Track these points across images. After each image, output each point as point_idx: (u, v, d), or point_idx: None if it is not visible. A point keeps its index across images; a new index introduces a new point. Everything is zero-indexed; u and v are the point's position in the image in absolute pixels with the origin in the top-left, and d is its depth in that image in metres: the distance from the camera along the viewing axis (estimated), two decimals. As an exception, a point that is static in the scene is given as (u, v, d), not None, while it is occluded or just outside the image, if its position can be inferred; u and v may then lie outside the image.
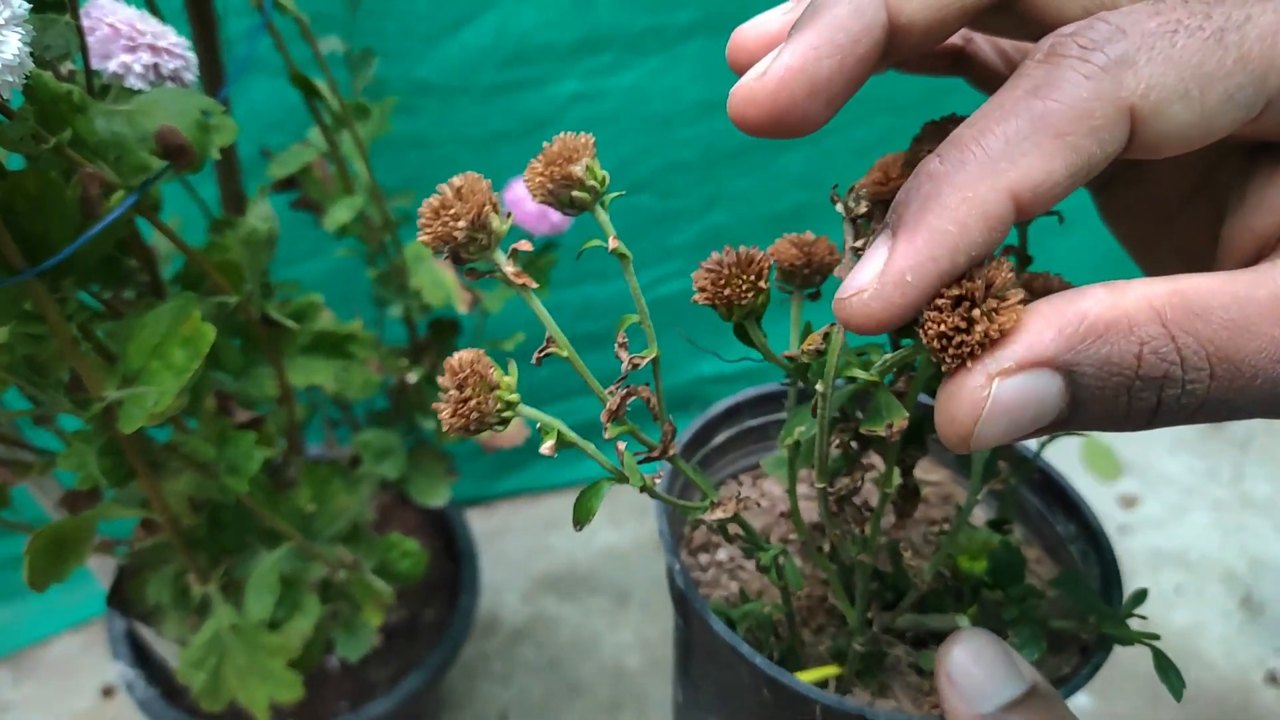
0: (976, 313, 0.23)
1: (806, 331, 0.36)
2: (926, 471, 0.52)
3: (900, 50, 0.28)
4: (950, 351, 0.24)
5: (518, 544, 1.24)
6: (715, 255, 0.34)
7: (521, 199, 0.77)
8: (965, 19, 0.28)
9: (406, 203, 0.82)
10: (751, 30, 0.31)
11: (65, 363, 0.47)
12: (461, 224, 0.29)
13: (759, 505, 0.50)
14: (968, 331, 0.24)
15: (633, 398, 0.33)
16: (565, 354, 0.32)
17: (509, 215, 0.31)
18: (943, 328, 0.24)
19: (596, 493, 0.33)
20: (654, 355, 0.33)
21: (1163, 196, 0.34)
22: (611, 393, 0.33)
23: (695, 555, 0.48)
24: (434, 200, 0.30)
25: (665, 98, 1.08)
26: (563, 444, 0.32)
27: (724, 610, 0.42)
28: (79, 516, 0.52)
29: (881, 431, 0.32)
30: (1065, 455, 0.38)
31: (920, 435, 0.38)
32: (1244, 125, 0.25)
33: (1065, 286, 0.31)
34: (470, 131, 1.04)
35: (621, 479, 0.33)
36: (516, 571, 1.21)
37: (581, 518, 0.33)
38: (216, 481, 0.56)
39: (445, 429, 0.29)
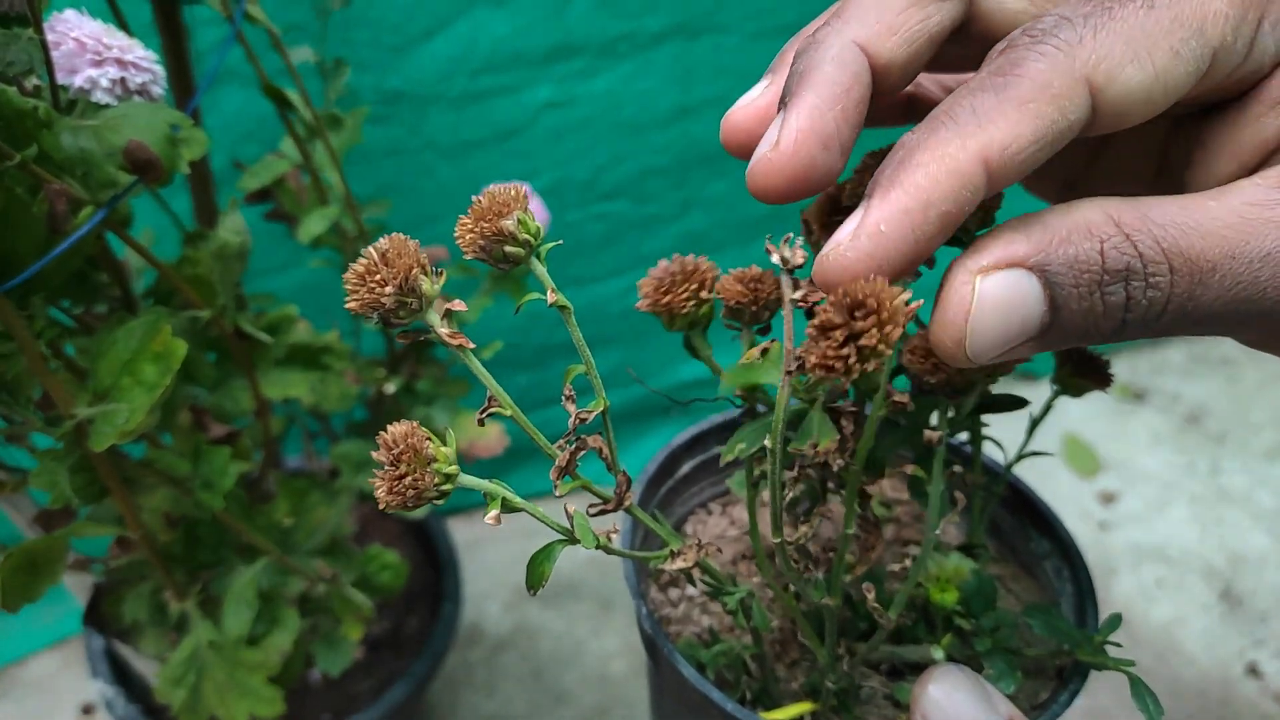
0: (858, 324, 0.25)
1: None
2: (897, 490, 0.52)
3: (885, 90, 0.30)
4: (841, 364, 0.25)
5: (499, 553, 1.24)
6: (662, 263, 0.33)
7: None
8: (933, 48, 0.30)
9: (381, 212, 0.81)
10: (739, 111, 0.32)
11: (35, 380, 0.47)
12: (389, 290, 0.29)
13: (720, 544, 0.50)
14: (854, 337, 0.25)
15: (584, 450, 0.33)
16: (509, 413, 0.32)
17: (440, 274, 0.30)
18: (823, 355, 0.25)
19: (549, 556, 0.32)
20: (602, 408, 0.33)
21: (1126, 185, 0.35)
22: (560, 448, 0.32)
23: (665, 591, 0.48)
24: (359, 265, 0.29)
25: (638, 103, 1.08)
26: (508, 510, 0.31)
27: (694, 652, 0.42)
28: (51, 535, 0.52)
29: (806, 450, 0.32)
30: (1046, 455, 0.38)
31: (876, 460, 0.38)
32: (1199, 82, 0.26)
33: None
34: (443, 140, 1.04)
35: (573, 540, 0.32)
36: (499, 581, 1.20)
37: (534, 582, 0.32)
38: (191, 497, 0.56)
39: (381, 506, 0.28)
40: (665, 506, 0.50)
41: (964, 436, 0.44)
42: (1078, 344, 0.26)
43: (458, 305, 0.31)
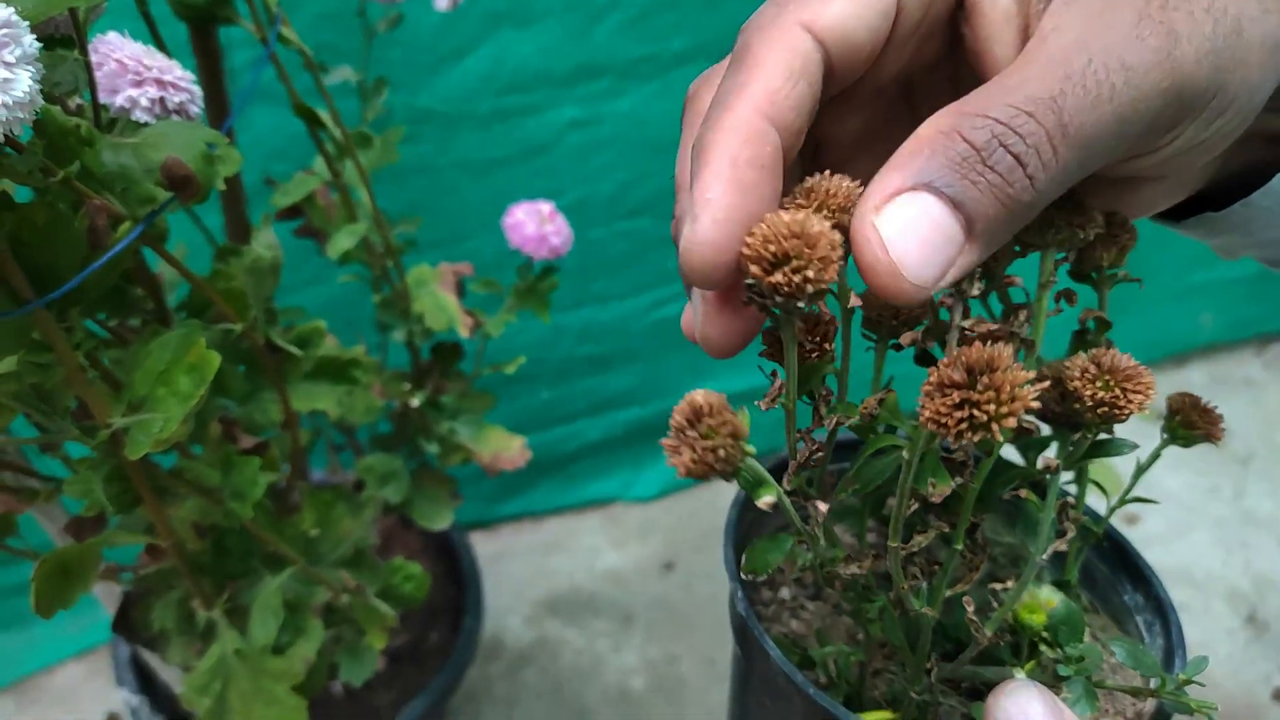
0: (974, 392, 0.25)
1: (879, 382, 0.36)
2: (997, 534, 0.52)
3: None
4: (953, 425, 0.25)
5: (521, 567, 1.25)
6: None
7: (521, 223, 0.78)
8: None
9: (409, 228, 0.82)
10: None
11: (72, 390, 0.48)
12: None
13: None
14: (971, 404, 0.25)
15: (818, 452, 0.33)
16: (790, 406, 0.32)
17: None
18: (936, 410, 0.26)
19: (779, 547, 0.34)
20: (851, 418, 0.33)
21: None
22: (801, 438, 0.34)
23: (758, 590, 0.48)
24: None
25: (662, 123, 1.09)
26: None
27: (804, 648, 0.42)
28: (85, 543, 0.53)
29: (925, 490, 0.32)
30: (1152, 502, 0.39)
31: (988, 496, 0.38)
32: None
33: (1134, 363, 0.34)
34: (471, 158, 1.05)
35: (808, 538, 0.34)
36: (519, 595, 1.21)
37: (759, 569, 0.34)
38: (221, 507, 0.57)
39: (682, 473, 0.28)
40: (756, 525, 0.50)
41: (1066, 476, 0.45)
42: (1023, 222, 0.27)
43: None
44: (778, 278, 0.26)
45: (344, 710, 0.87)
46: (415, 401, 0.84)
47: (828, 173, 0.30)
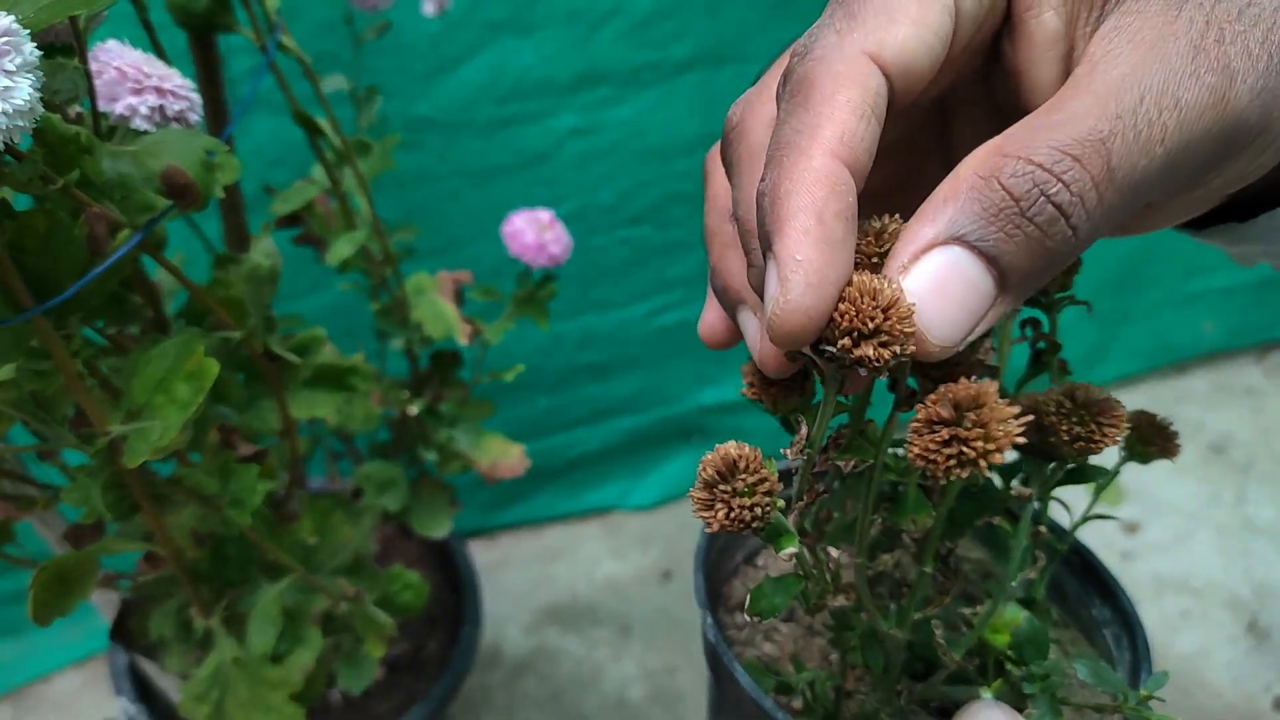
0: (961, 430, 0.25)
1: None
2: (966, 549, 0.52)
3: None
4: (942, 461, 0.25)
5: (519, 576, 1.24)
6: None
7: (520, 231, 0.78)
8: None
9: (409, 237, 0.82)
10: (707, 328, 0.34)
11: (70, 398, 0.48)
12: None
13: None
14: (960, 441, 0.25)
15: (824, 493, 0.33)
16: (813, 454, 0.31)
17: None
18: (925, 447, 0.25)
19: (788, 590, 0.33)
20: (868, 461, 0.33)
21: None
22: (807, 488, 0.33)
23: (731, 614, 0.48)
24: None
25: (662, 131, 1.09)
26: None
27: (778, 671, 0.42)
28: (83, 551, 0.53)
29: (906, 526, 0.32)
30: (1111, 518, 0.38)
31: (959, 520, 0.38)
32: (958, 18, 0.28)
33: (1106, 396, 0.33)
34: (471, 166, 1.05)
35: (812, 579, 0.34)
36: (518, 603, 1.21)
37: (765, 613, 0.33)
38: (220, 514, 0.57)
39: (715, 528, 0.28)
40: (727, 549, 0.50)
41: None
42: (1061, 268, 0.26)
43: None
44: (867, 351, 0.25)
45: (342, 719, 0.87)
46: (414, 409, 0.84)
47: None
